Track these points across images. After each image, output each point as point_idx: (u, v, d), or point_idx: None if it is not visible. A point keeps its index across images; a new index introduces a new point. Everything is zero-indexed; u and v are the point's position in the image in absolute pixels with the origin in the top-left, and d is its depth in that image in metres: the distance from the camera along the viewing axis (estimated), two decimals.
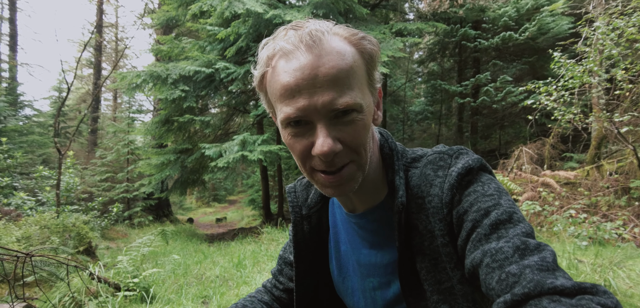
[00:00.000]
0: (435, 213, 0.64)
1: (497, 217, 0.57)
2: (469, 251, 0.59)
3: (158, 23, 10.73)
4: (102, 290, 3.09)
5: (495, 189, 0.62)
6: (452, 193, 0.63)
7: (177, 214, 16.80)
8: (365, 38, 0.63)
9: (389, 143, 0.73)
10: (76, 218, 5.68)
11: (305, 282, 0.84)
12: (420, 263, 0.67)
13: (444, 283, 0.65)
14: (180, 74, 8.17)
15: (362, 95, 0.61)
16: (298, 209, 0.84)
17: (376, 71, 0.66)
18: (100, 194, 11.91)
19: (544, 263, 0.49)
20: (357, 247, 0.78)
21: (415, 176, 0.69)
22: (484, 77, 8.82)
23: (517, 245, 0.53)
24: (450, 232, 0.63)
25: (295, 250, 0.83)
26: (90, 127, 17.85)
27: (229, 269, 4.78)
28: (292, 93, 0.58)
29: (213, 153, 7.68)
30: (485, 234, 0.57)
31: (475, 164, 0.65)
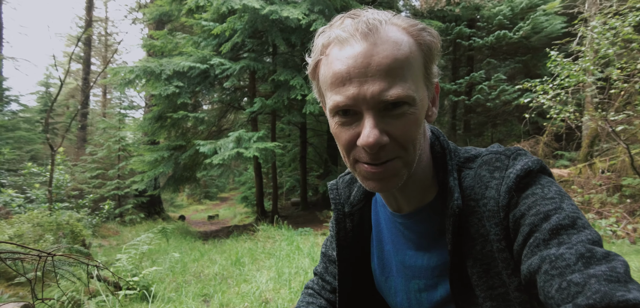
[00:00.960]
0: (490, 217, 0.61)
1: (558, 222, 0.54)
2: (525, 257, 0.55)
3: (151, 18, 10.56)
4: (101, 289, 3.03)
5: (557, 193, 0.59)
6: (509, 195, 0.60)
7: (169, 211, 16.61)
8: (425, 29, 0.61)
9: (440, 141, 0.71)
10: (69, 216, 5.57)
11: (347, 280, 0.83)
12: (472, 268, 0.64)
13: (497, 288, 0.62)
14: (175, 70, 8.06)
15: (416, 88, 0.59)
16: (340, 206, 0.82)
17: (434, 65, 0.63)
18: (91, 191, 11.71)
19: (613, 274, 0.45)
20: (401, 248, 0.76)
21: (468, 177, 0.67)
22: (478, 75, 8.89)
23: (581, 252, 0.49)
24: (507, 237, 0.60)
25: (338, 247, 0.81)
26: (80, 123, 17.53)
27: (227, 267, 4.75)
28: (343, 81, 0.57)
29: (208, 150, 7.61)
30: (544, 239, 0.53)
31: (535, 166, 0.62)
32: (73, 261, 1.73)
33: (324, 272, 0.95)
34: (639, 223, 4.51)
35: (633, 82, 4.69)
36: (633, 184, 5.13)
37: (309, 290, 0.97)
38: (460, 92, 9.48)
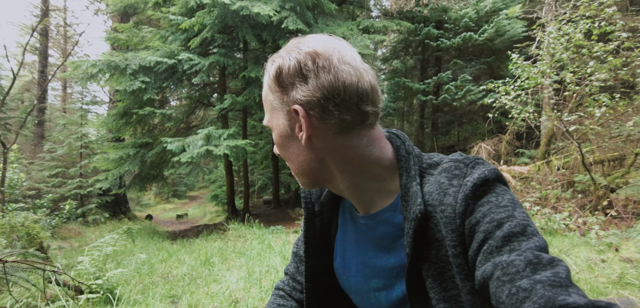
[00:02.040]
0: (447, 223, 0.63)
1: (510, 229, 0.56)
2: (479, 263, 0.58)
3: (115, 9, 10.11)
4: (61, 294, 2.90)
5: (510, 201, 0.61)
6: (466, 203, 0.62)
7: (135, 211, 16.03)
8: (274, 61, 0.71)
9: (406, 146, 0.74)
10: (25, 217, 5.26)
11: (314, 278, 0.85)
12: (427, 271, 0.67)
13: (450, 291, 0.65)
14: (141, 65, 7.78)
15: (270, 118, 0.73)
16: (311, 205, 0.84)
17: (292, 91, 0.68)
18: (49, 190, 11.10)
19: (556, 279, 0.48)
20: (363, 248, 0.78)
21: (428, 183, 0.69)
22: (446, 75, 9.19)
23: (529, 258, 0.52)
24: (462, 243, 0.62)
25: (306, 245, 0.84)
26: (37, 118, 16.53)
27: (196, 267, 4.66)
28: None
29: (175, 148, 7.41)
30: (497, 246, 0.56)
31: (491, 175, 0.64)
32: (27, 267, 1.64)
33: (295, 272, 0.97)
34: (588, 216, 4.84)
35: (584, 85, 5.02)
36: (583, 181, 5.49)
37: (280, 292, 0.97)
38: (428, 92, 9.76)
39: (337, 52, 0.65)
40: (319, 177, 0.73)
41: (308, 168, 0.71)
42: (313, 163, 0.70)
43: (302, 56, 0.64)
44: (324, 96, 0.64)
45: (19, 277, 1.55)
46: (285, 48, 0.69)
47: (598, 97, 4.79)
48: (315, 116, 0.66)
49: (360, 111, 0.66)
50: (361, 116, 0.67)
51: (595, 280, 3.22)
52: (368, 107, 0.67)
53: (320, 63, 0.64)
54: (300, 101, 0.65)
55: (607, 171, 5.95)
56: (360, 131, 0.68)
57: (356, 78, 0.65)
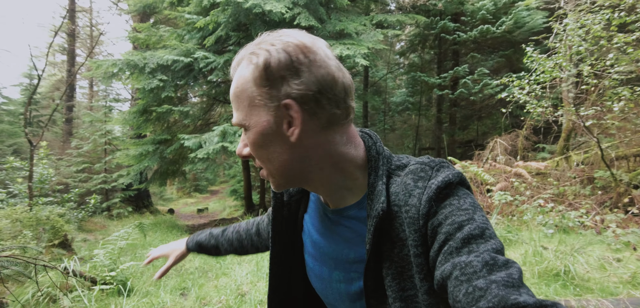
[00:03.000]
0: (411, 224, 0.65)
1: (469, 232, 0.59)
2: (439, 263, 0.60)
3: (134, 9, 10.43)
4: (77, 285, 3.07)
5: (471, 205, 0.64)
6: (429, 205, 0.64)
7: (158, 205, 16.54)
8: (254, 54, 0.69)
9: (376, 147, 0.76)
10: (50, 211, 5.55)
11: (278, 263, 0.90)
12: (387, 269, 0.69)
13: (407, 290, 0.67)
14: (158, 63, 8.00)
15: (247, 116, 0.69)
16: (279, 195, 0.88)
17: (283, 86, 0.66)
18: (76, 185, 11.60)
19: (509, 280, 0.51)
20: (327, 239, 0.82)
21: (395, 184, 0.71)
22: (462, 69, 9.01)
23: (486, 260, 0.55)
24: (424, 243, 0.64)
25: (273, 232, 0.88)
26: (65, 116, 17.27)
27: (208, 260, 4.80)
28: None
29: (192, 144, 7.60)
30: (456, 247, 0.58)
31: (455, 179, 0.67)
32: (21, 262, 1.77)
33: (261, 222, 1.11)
34: (607, 214, 4.68)
35: (603, 78, 4.83)
36: (604, 177, 5.30)
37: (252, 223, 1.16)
38: (445, 86, 9.59)
39: (321, 47, 0.67)
40: (298, 176, 0.73)
41: (289, 167, 0.70)
42: (295, 162, 0.70)
43: (292, 48, 0.64)
44: (319, 91, 0.65)
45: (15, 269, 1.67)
46: (262, 42, 0.67)
47: (617, 90, 4.60)
48: (307, 112, 0.66)
49: (346, 105, 0.69)
50: (347, 111, 0.70)
51: (607, 280, 3.13)
52: (352, 103, 0.70)
53: (311, 57, 0.64)
54: (294, 96, 0.64)
55: (632, 167, 5.70)
56: (341, 128, 0.70)
57: (341, 73, 0.68)
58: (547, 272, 3.30)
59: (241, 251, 1.17)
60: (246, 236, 1.14)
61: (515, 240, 4.24)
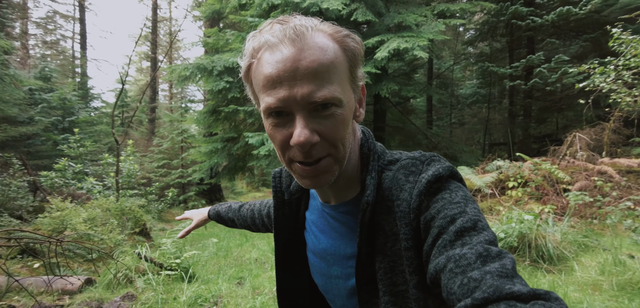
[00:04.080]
0: (402, 217, 0.66)
1: (462, 224, 0.59)
2: (433, 257, 0.60)
3: (205, 16, 11.23)
4: (148, 269, 3.42)
5: (462, 198, 0.64)
6: (420, 199, 0.65)
7: (229, 198, 17.70)
8: (349, 36, 0.66)
9: (368, 143, 0.76)
10: (132, 203, 6.25)
11: (282, 260, 0.92)
12: (379, 263, 0.69)
13: (398, 286, 0.67)
14: (225, 66, 8.53)
15: (342, 90, 0.63)
16: (280, 194, 0.90)
17: (359, 69, 0.68)
18: (157, 179, 12.88)
19: (503, 270, 0.51)
20: (326, 236, 0.83)
21: (387, 179, 0.71)
22: (537, 57, 8.18)
23: (480, 251, 0.55)
24: (415, 237, 0.65)
25: (275, 230, 0.90)
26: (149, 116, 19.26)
27: (266, 252, 5.02)
28: (274, 84, 0.61)
29: (256, 142, 7.99)
30: (450, 240, 0.58)
31: (445, 172, 0.66)
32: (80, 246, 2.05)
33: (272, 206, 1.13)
34: None
35: None
36: None
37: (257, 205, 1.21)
38: (517, 76, 8.82)
39: None
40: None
41: (349, 151, 0.70)
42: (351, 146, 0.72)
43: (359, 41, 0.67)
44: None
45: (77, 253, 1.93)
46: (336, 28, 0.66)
47: None
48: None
49: None
50: None
51: None
52: None
53: None
54: (363, 79, 0.71)
55: None
56: None
57: None
58: (630, 284, 2.89)
59: (254, 228, 1.24)
60: (258, 216, 1.19)
61: (593, 246, 3.77)
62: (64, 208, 5.22)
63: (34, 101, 11.82)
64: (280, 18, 0.66)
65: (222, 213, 1.32)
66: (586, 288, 2.97)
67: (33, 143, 11.13)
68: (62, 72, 18.95)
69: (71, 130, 12.21)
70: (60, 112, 12.99)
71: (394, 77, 9.18)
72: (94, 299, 3.17)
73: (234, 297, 3.27)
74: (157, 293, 3.12)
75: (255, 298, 3.24)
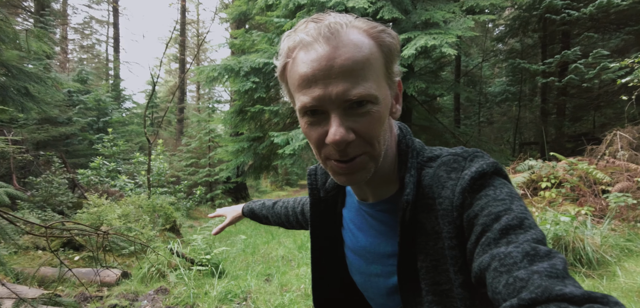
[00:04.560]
0: (444, 215, 0.64)
1: (507, 222, 0.57)
2: (477, 255, 0.58)
3: (231, 17, 11.44)
4: (180, 264, 3.52)
5: (507, 194, 0.61)
6: (463, 196, 0.63)
7: (254, 196, 17.96)
8: (385, 31, 0.65)
9: (406, 140, 0.75)
10: (163, 200, 6.45)
11: (319, 258, 0.92)
12: (422, 262, 0.68)
13: (442, 285, 0.66)
14: (251, 67, 8.66)
15: (378, 87, 0.63)
16: (316, 191, 0.90)
17: (395, 64, 0.67)
18: (185, 178, 13.24)
19: (553, 270, 0.49)
20: (365, 234, 0.82)
21: (428, 176, 0.70)
22: (572, 53, 7.82)
23: (526, 250, 0.52)
24: (459, 235, 0.63)
25: (311, 228, 0.91)
26: (178, 117, 19.82)
27: (292, 250, 5.06)
28: (309, 83, 0.61)
29: (281, 141, 8.07)
30: (494, 238, 0.56)
31: (489, 168, 0.64)
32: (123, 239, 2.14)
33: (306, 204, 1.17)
34: None
35: None
36: None
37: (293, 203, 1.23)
38: (550, 73, 8.47)
39: None
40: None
41: (385, 148, 0.69)
42: (387, 143, 0.71)
43: (395, 36, 0.66)
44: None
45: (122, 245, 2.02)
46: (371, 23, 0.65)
47: None
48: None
49: None
50: None
51: None
52: None
53: None
54: (400, 74, 0.71)
55: None
56: None
57: None
58: None
59: (288, 225, 1.25)
60: (292, 213, 1.21)
61: (638, 251, 3.57)
62: (100, 204, 5.46)
63: (72, 102, 12.42)
64: (315, 16, 0.66)
65: (256, 210, 1.35)
66: (632, 295, 2.82)
67: (71, 142, 11.70)
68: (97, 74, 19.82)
69: (105, 130, 12.75)
70: (95, 113, 13.59)
71: (421, 75, 9.03)
72: (130, 292, 3.31)
73: (262, 293, 3.32)
74: (189, 288, 3.21)
75: (283, 295, 3.27)
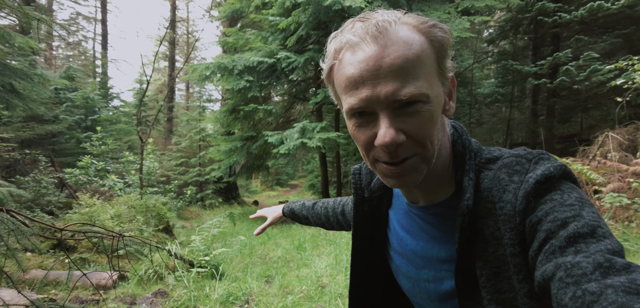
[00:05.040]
0: (506, 221, 0.60)
1: (576, 229, 0.52)
2: (540, 263, 0.54)
3: (224, 16, 11.31)
4: (178, 266, 3.43)
5: (577, 200, 0.56)
6: (527, 201, 0.59)
7: (244, 197, 17.83)
8: (436, 26, 0.61)
9: (462, 140, 0.71)
10: (156, 200, 6.32)
11: (359, 259, 0.88)
12: (481, 269, 0.64)
13: (504, 293, 0.62)
14: (245, 65, 8.57)
15: (430, 85, 0.59)
16: (360, 191, 0.86)
17: (448, 59, 0.63)
18: (176, 177, 13.04)
19: (632, 286, 0.43)
20: (415, 237, 0.79)
21: (487, 179, 0.66)
22: (564, 55, 7.96)
23: (599, 261, 0.47)
24: (522, 242, 0.59)
25: (354, 228, 0.87)
26: (167, 116, 19.53)
27: (290, 251, 5.01)
28: (356, 84, 0.59)
29: (275, 140, 8.01)
30: (560, 246, 0.52)
31: (557, 172, 0.60)
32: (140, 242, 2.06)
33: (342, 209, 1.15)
34: None
35: None
36: None
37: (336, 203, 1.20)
38: (542, 74, 8.61)
39: None
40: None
41: (439, 147, 0.66)
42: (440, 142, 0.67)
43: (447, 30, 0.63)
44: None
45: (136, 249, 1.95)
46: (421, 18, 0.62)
47: None
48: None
49: None
50: None
51: None
52: None
53: None
54: (453, 69, 0.66)
55: None
56: None
57: None
58: None
59: (328, 226, 1.23)
60: (332, 213, 1.19)
61: (634, 251, 3.62)
62: (92, 204, 5.31)
63: (59, 100, 12.11)
64: (362, 15, 0.63)
65: (296, 210, 1.35)
66: None
67: (58, 141, 11.40)
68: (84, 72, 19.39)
69: (93, 129, 12.46)
70: (83, 111, 13.28)
71: None
72: (127, 295, 3.20)
73: (264, 296, 3.26)
74: (189, 291, 3.13)
75: (285, 297, 3.22)
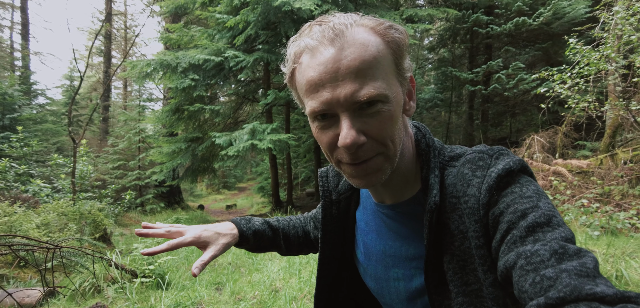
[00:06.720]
0: (471, 214, 0.63)
1: (534, 220, 0.56)
2: (502, 253, 0.57)
3: (167, 11, 10.73)
4: (119, 277, 3.18)
5: (534, 192, 0.60)
6: (490, 194, 0.61)
7: (188, 201, 17.02)
8: (392, 27, 0.62)
9: (426, 139, 0.73)
10: (91, 206, 5.80)
11: (328, 263, 0.87)
12: (448, 263, 0.66)
13: (471, 285, 0.64)
14: (190, 63, 8.21)
15: (388, 85, 0.60)
16: (328, 194, 0.86)
17: (405, 60, 0.65)
18: (113, 181, 12.11)
19: (583, 269, 0.47)
20: (383, 237, 0.79)
21: (451, 175, 0.68)
22: (496, 64, 8.70)
23: (554, 248, 0.51)
24: (486, 234, 0.62)
25: (322, 232, 0.86)
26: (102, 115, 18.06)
27: (240, 256, 4.87)
28: (316, 87, 0.59)
29: (223, 142, 7.76)
30: (520, 236, 0.55)
31: (516, 166, 0.63)
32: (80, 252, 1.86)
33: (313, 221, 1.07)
34: None
35: None
36: None
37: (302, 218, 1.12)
38: (477, 81, 9.30)
39: None
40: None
41: (400, 146, 0.66)
42: (402, 141, 0.68)
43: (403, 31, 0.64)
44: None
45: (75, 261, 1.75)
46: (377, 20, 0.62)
47: None
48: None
49: None
50: None
51: None
52: None
53: None
54: (411, 70, 0.67)
55: None
56: None
57: None
58: None
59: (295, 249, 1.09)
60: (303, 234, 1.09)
61: None
62: (11, 213, 4.73)
63: None
64: (319, 19, 0.64)
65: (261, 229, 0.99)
66: None
67: None
68: None
69: (13, 128, 11.14)
70: None
71: None
72: None
73: (215, 304, 3.12)
74: (132, 303, 2.89)
75: (237, 304, 3.12)
